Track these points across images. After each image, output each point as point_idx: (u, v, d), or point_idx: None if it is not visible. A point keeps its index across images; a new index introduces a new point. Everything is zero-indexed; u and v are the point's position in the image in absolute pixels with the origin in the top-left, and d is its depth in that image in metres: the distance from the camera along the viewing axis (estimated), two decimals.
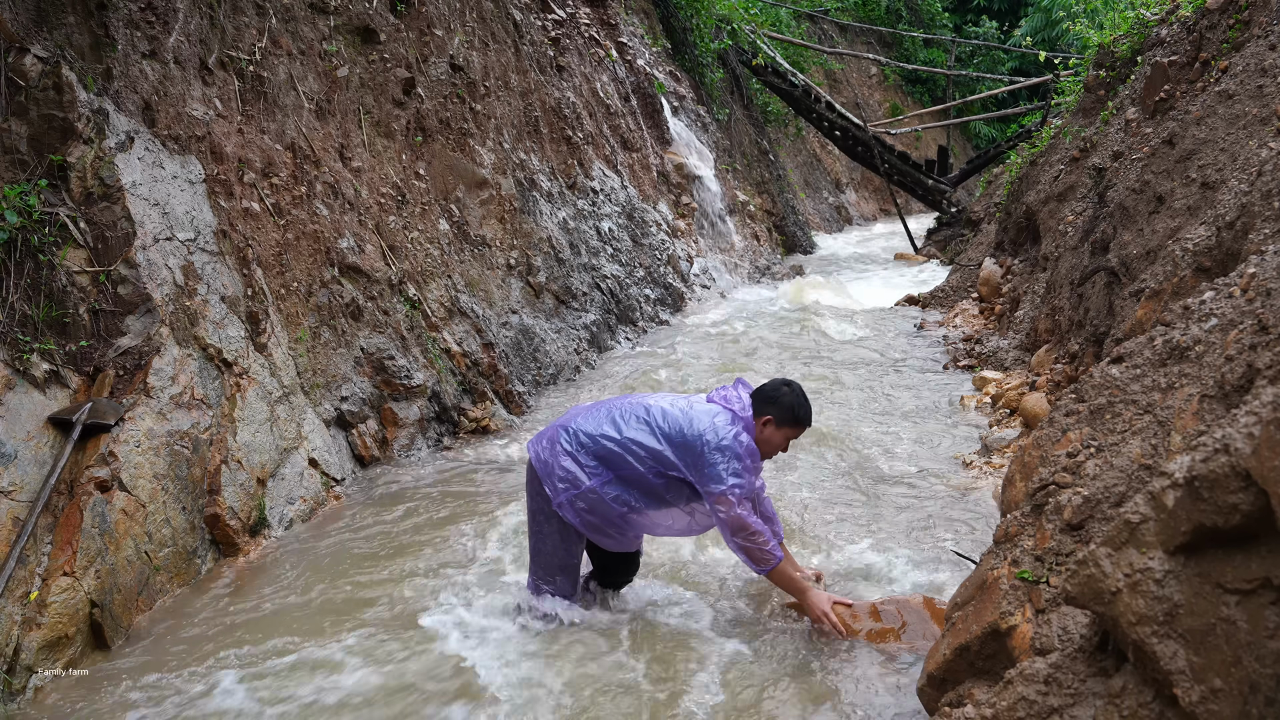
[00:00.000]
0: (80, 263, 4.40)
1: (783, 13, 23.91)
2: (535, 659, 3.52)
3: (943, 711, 2.50)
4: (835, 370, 8.16)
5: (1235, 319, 2.75)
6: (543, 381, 7.81)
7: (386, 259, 6.66)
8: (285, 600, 4.21)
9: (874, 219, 26.48)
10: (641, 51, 14.13)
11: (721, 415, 3.51)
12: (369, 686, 3.43)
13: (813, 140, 24.27)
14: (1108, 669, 2.05)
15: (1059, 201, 8.87)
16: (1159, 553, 1.80)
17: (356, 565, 4.53)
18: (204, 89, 5.47)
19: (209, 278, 5.00)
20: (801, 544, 4.50)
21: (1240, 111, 5.05)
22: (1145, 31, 7.99)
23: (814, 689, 3.28)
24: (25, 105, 4.35)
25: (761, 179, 17.95)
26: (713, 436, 3.43)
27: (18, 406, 3.90)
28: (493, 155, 8.49)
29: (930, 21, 32.27)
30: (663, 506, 3.57)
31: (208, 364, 4.80)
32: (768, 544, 3.46)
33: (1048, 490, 2.84)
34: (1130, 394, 2.94)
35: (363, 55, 7.09)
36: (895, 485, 5.27)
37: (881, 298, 12.49)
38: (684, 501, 3.58)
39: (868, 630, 3.54)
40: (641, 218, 11.44)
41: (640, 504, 3.54)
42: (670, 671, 3.43)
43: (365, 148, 6.91)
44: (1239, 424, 1.64)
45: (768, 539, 3.47)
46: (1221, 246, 3.99)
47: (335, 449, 5.66)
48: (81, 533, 3.79)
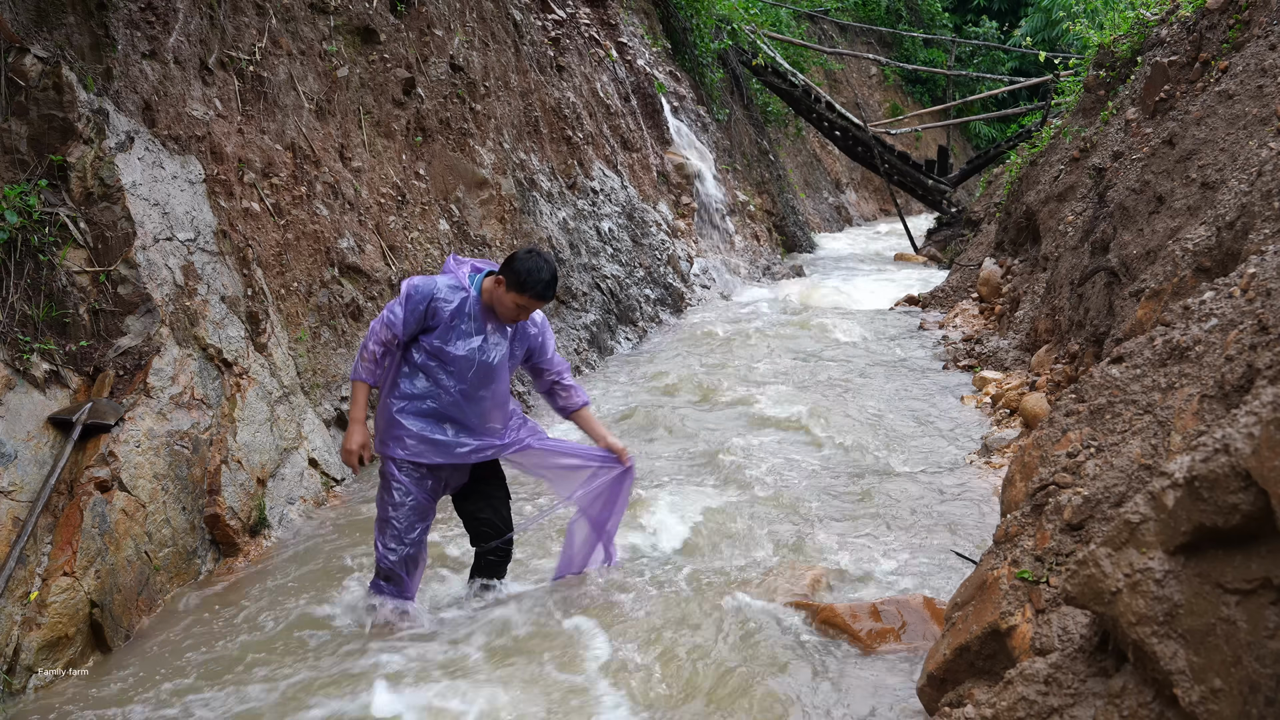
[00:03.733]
0: (80, 263, 4.40)
1: (783, 13, 23.91)
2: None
3: (943, 711, 2.50)
4: (835, 370, 8.16)
5: (1235, 319, 2.75)
6: None
7: (386, 259, 6.66)
8: (285, 602, 4.21)
9: (874, 219, 26.48)
10: (641, 51, 14.13)
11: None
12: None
13: (813, 140, 24.26)
14: (1108, 669, 2.05)
15: (1059, 201, 8.87)
16: (1159, 553, 1.80)
17: (356, 565, 4.53)
18: (204, 89, 5.47)
19: (209, 278, 5.00)
20: (802, 544, 4.50)
21: (1240, 111, 5.05)
22: (1145, 31, 8.00)
23: (813, 689, 3.28)
24: (25, 105, 4.34)
25: (761, 179, 17.96)
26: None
27: (18, 406, 3.90)
28: (493, 155, 8.49)
29: (930, 21, 32.26)
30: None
31: (208, 364, 4.80)
32: (362, 362, 3.68)
33: (1048, 490, 2.84)
34: (1130, 394, 2.94)
35: (363, 55, 7.09)
36: (895, 485, 5.27)
37: (882, 298, 12.49)
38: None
39: (868, 630, 3.54)
40: (641, 218, 11.44)
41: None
42: (670, 670, 3.43)
43: (365, 148, 6.91)
44: (1239, 424, 1.64)
45: (367, 359, 3.66)
46: (1221, 246, 3.99)
47: (335, 449, 5.66)
48: (81, 533, 3.78)
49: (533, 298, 3.53)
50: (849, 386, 7.58)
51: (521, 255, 3.55)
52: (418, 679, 3.43)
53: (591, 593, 4.03)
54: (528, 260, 3.52)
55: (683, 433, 6.40)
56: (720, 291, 12.56)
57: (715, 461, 5.74)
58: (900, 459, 5.74)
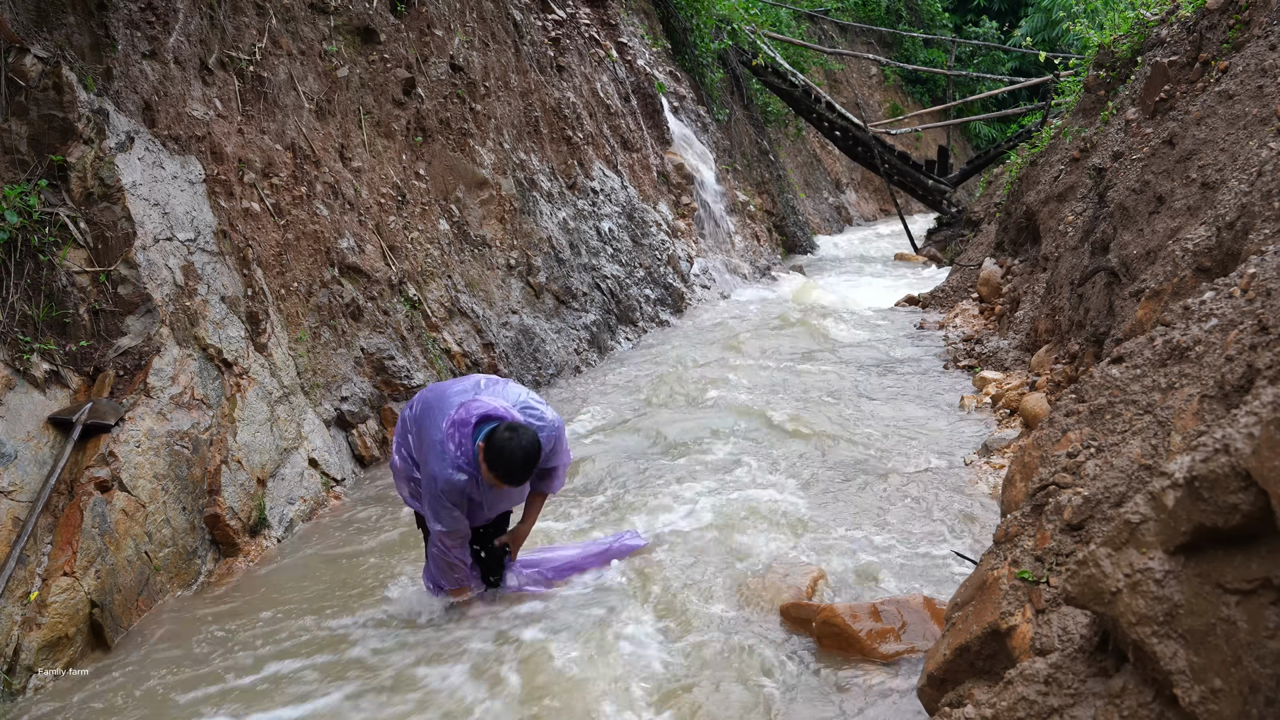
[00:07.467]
0: (80, 263, 4.40)
1: (783, 13, 23.90)
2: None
3: (943, 711, 2.50)
4: (835, 371, 8.16)
5: (1235, 319, 2.75)
6: (543, 382, 7.81)
7: (386, 259, 6.66)
8: (285, 602, 4.21)
9: (874, 219, 26.47)
10: (641, 51, 14.12)
11: (447, 449, 3.47)
12: (370, 682, 3.43)
13: (813, 140, 24.26)
14: (1108, 669, 2.05)
15: (1059, 201, 8.87)
16: (1159, 553, 1.80)
17: (356, 565, 4.53)
18: (204, 89, 5.47)
19: (209, 278, 5.00)
20: (801, 544, 4.50)
21: (1240, 111, 5.05)
22: (1145, 31, 7.99)
23: (814, 689, 3.27)
24: (25, 105, 4.35)
25: (761, 179, 17.95)
26: (430, 483, 3.52)
27: (18, 406, 3.90)
28: (493, 155, 8.49)
29: (930, 22, 32.25)
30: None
31: (208, 364, 4.80)
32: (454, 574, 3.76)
33: (1048, 490, 2.84)
34: (1130, 394, 2.94)
35: (363, 55, 7.09)
36: (895, 485, 5.27)
37: (881, 298, 12.49)
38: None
39: (868, 630, 3.54)
40: (641, 218, 11.44)
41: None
42: (666, 672, 3.43)
43: (365, 148, 6.91)
44: (1239, 424, 1.64)
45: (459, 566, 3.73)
46: (1221, 246, 3.99)
47: (335, 449, 5.66)
48: (81, 533, 3.79)
49: (500, 478, 3.40)
50: (849, 386, 7.58)
51: (501, 432, 3.38)
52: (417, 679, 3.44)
53: (586, 593, 4.03)
54: (504, 439, 3.36)
55: (681, 433, 6.40)
56: (720, 291, 12.56)
57: (713, 462, 5.74)
58: (900, 459, 5.74)
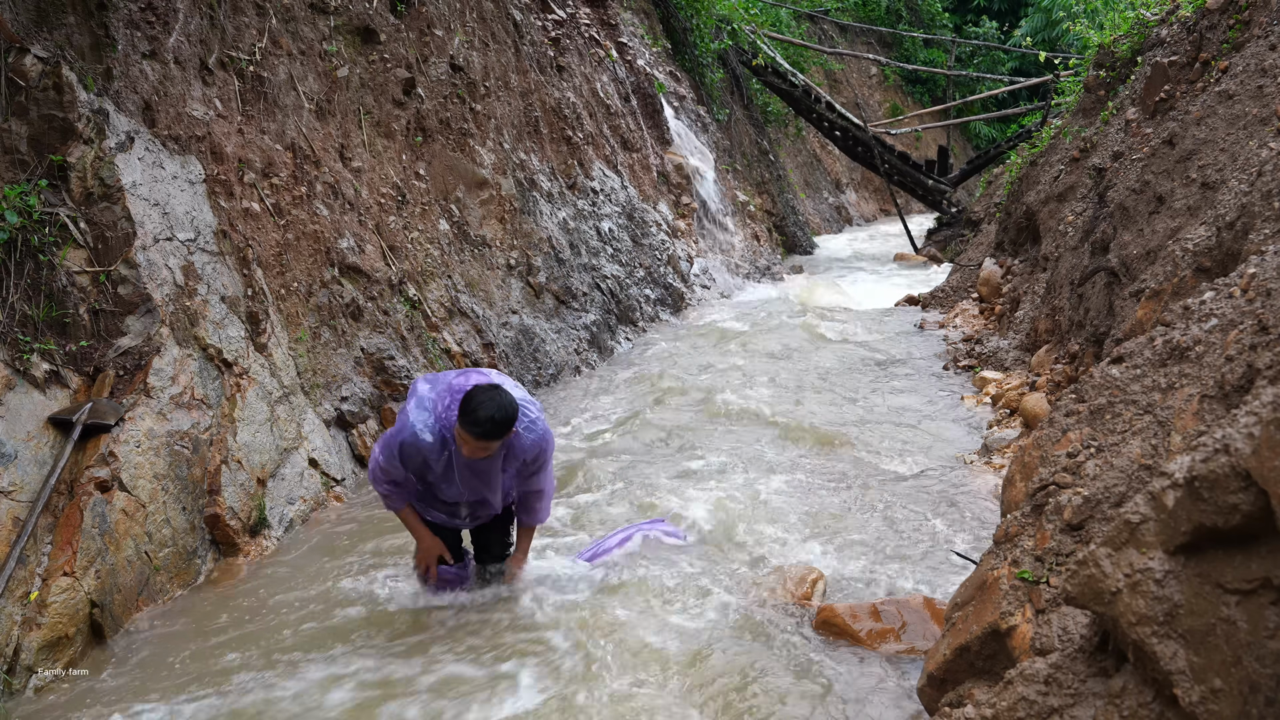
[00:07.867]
0: (80, 263, 4.40)
1: (783, 13, 23.90)
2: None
3: (943, 711, 2.50)
4: (835, 371, 8.16)
5: (1235, 319, 2.76)
6: (543, 382, 7.81)
7: (386, 259, 6.66)
8: (285, 601, 4.21)
9: (874, 219, 26.47)
10: (641, 51, 14.12)
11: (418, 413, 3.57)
12: (370, 683, 3.43)
13: (813, 140, 24.26)
14: (1108, 669, 2.05)
15: (1059, 201, 8.87)
16: (1159, 553, 1.80)
17: (357, 565, 4.53)
18: (204, 89, 5.47)
19: (209, 278, 5.00)
20: (802, 544, 4.50)
21: (1240, 111, 5.05)
22: (1145, 31, 7.99)
23: (814, 689, 3.27)
24: (25, 105, 4.34)
25: (761, 179, 17.95)
26: (397, 430, 3.60)
27: (18, 406, 3.90)
28: (493, 155, 8.49)
29: (930, 22, 32.25)
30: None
31: (208, 364, 4.80)
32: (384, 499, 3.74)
33: (1048, 490, 2.84)
34: (1130, 394, 2.94)
35: (363, 55, 7.09)
36: (895, 485, 5.27)
37: (881, 298, 12.49)
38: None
39: (868, 630, 3.54)
40: (641, 218, 11.44)
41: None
42: (665, 671, 3.43)
43: (365, 148, 6.91)
44: (1239, 424, 1.64)
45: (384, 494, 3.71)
46: (1221, 246, 3.99)
47: (335, 449, 5.66)
48: (81, 533, 3.78)
49: (467, 427, 3.32)
50: (848, 386, 7.58)
51: (483, 388, 3.38)
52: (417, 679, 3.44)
53: (586, 594, 4.03)
54: (478, 395, 3.34)
55: (680, 434, 6.40)
56: (720, 291, 12.56)
57: (713, 462, 5.74)
58: (900, 459, 5.74)
